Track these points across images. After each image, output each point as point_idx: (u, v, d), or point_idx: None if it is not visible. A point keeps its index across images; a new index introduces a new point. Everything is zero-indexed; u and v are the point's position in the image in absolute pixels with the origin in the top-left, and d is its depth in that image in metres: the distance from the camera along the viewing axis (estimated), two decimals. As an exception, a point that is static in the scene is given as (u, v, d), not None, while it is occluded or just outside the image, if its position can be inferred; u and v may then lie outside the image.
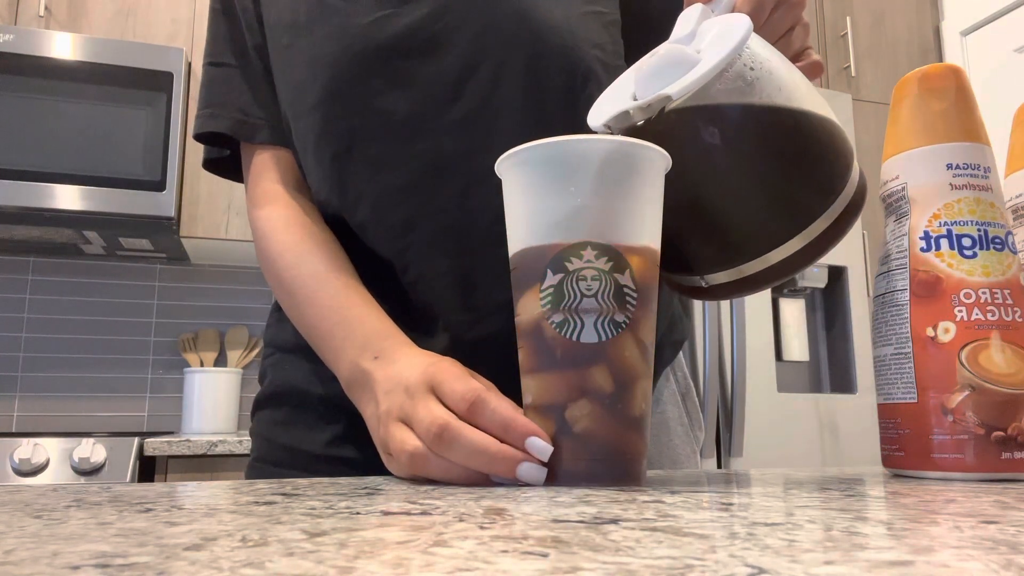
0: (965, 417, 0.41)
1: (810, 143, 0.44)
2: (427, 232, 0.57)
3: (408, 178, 0.57)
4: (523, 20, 0.58)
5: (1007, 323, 0.42)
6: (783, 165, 0.44)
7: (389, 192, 0.58)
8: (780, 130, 0.43)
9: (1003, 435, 0.40)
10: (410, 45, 0.57)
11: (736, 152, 0.43)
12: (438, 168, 0.57)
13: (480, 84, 0.57)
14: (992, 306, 0.42)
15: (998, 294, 0.42)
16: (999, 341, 0.41)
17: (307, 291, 0.57)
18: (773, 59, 0.44)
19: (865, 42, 2.63)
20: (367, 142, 0.58)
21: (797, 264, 0.44)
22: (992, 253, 0.43)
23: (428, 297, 0.58)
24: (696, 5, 0.47)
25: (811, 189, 0.44)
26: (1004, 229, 0.44)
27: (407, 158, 0.57)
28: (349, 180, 0.59)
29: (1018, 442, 0.40)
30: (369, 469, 0.54)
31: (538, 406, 0.39)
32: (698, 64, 0.41)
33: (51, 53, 1.85)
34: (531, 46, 0.57)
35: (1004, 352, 0.41)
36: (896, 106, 0.47)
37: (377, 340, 0.51)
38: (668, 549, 0.19)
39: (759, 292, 0.48)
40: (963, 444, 0.41)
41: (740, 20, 0.42)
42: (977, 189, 0.44)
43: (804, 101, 0.43)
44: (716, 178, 0.44)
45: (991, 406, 0.41)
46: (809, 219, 0.43)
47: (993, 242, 0.43)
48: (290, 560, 0.18)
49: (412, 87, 0.57)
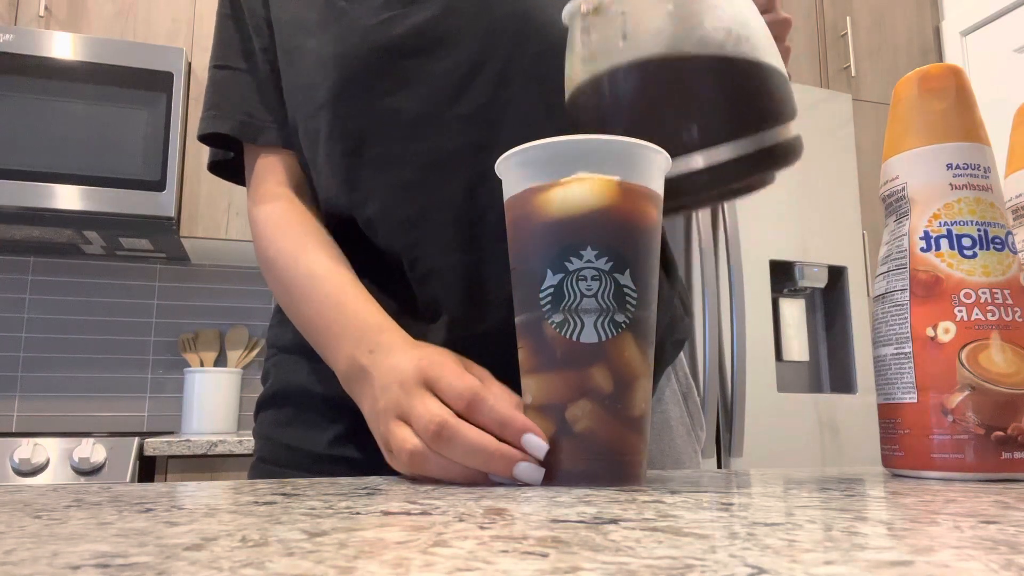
0: (965, 417, 0.41)
1: (737, 77, 0.46)
2: (435, 227, 0.58)
3: (416, 175, 0.58)
4: (527, 20, 0.58)
5: (1007, 323, 0.42)
6: (705, 80, 0.46)
7: (397, 188, 0.58)
8: (717, 54, 0.46)
9: (1003, 435, 0.40)
10: (416, 45, 0.58)
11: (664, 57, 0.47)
12: (445, 164, 0.57)
13: (486, 82, 0.58)
14: (992, 306, 0.42)
15: (998, 294, 0.42)
16: (999, 341, 0.41)
17: (304, 288, 0.57)
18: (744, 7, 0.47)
19: (865, 42, 2.63)
20: (375, 140, 0.58)
21: (699, 185, 0.46)
22: (992, 253, 0.43)
23: (437, 291, 0.58)
24: None
25: (723, 113, 0.46)
26: (1004, 229, 0.44)
27: (415, 155, 0.58)
28: (358, 178, 0.59)
29: (1018, 442, 0.40)
30: (371, 468, 0.54)
31: (538, 406, 0.39)
32: None
33: (51, 53, 1.85)
34: (536, 44, 0.58)
35: (1004, 352, 0.41)
36: (896, 106, 0.47)
37: (373, 334, 0.51)
38: (668, 549, 0.19)
39: (680, 205, 0.50)
40: (963, 444, 0.41)
41: None
42: (977, 189, 0.44)
43: (758, 48, 0.47)
44: (652, 72, 0.47)
45: (991, 406, 0.41)
46: (713, 140, 0.45)
47: (993, 242, 0.43)
48: (290, 560, 0.18)
49: (419, 86, 0.58)
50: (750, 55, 0.46)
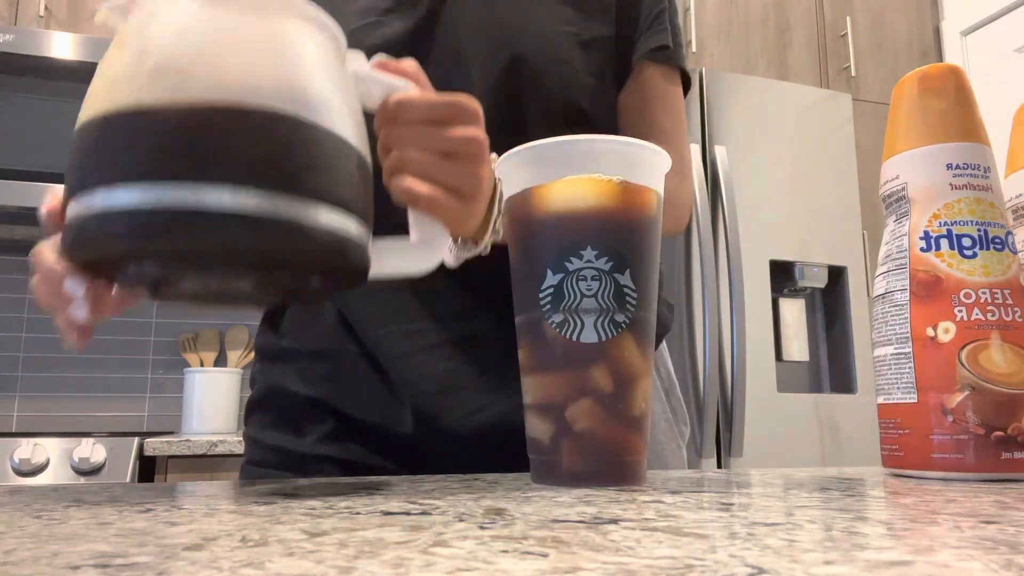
0: (965, 417, 0.41)
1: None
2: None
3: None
4: (500, 43, 0.59)
5: (1007, 323, 0.42)
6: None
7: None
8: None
9: (1003, 435, 0.40)
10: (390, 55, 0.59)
11: None
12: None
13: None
14: (992, 306, 0.42)
15: (998, 294, 0.42)
16: (999, 341, 0.41)
17: None
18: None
19: (865, 42, 2.63)
20: None
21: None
22: (992, 253, 0.43)
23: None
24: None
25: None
26: (1004, 229, 0.44)
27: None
28: None
29: (1018, 442, 0.40)
30: (357, 468, 0.54)
31: (538, 406, 0.39)
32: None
33: (51, 53, 1.85)
34: (504, 56, 0.59)
35: (1004, 352, 0.41)
36: (896, 106, 0.47)
37: None
38: (668, 549, 0.19)
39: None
40: (963, 444, 0.41)
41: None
42: (977, 189, 0.44)
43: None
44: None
45: (991, 406, 0.41)
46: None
47: (993, 242, 0.43)
48: (290, 560, 0.18)
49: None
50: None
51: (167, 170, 0.30)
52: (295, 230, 0.32)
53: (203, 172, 0.30)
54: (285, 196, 0.31)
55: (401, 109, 0.41)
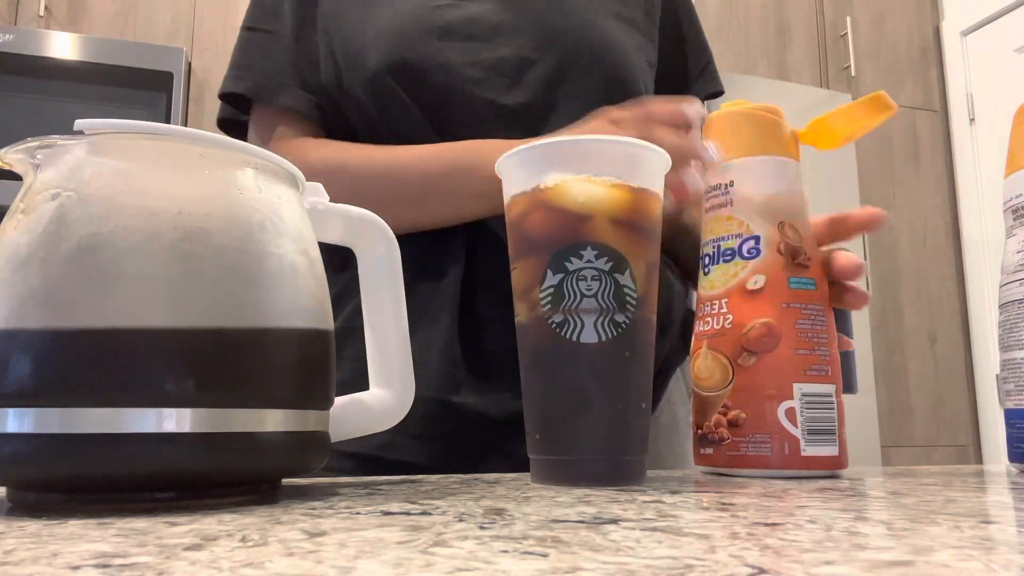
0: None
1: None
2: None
3: None
4: (585, 31, 0.62)
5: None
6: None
7: None
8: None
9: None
10: (471, 31, 0.61)
11: None
12: None
13: (536, 79, 0.60)
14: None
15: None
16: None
17: (397, 164, 0.58)
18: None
19: (865, 42, 2.63)
20: (421, 116, 0.60)
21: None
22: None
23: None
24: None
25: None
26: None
27: (460, 137, 0.59)
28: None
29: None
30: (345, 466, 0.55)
31: (538, 406, 0.39)
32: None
33: (51, 53, 1.85)
34: (590, 57, 0.61)
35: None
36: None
37: (487, 145, 0.55)
38: (668, 549, 0.19)
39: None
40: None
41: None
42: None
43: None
44: None
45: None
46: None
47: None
48: (290, 560, 0.18)
49: (472, 70, 0.60)
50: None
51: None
52: (236, 442, 0.28)
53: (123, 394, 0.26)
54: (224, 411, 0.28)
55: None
